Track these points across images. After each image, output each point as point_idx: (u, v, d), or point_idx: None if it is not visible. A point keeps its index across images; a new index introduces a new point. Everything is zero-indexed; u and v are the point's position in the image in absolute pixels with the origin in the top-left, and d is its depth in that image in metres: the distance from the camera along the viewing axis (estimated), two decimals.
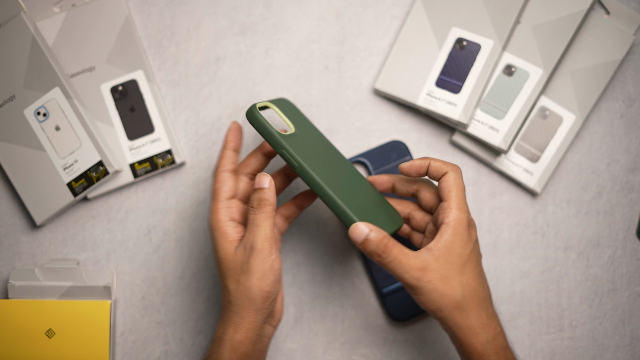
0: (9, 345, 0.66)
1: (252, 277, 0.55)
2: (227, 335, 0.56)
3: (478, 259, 0.57)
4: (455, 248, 0.54)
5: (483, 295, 0.56)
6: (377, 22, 0.72)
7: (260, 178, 0.56)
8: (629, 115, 0.71)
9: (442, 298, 0.54)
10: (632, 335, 0.69)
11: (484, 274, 0.57)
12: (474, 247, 0.56)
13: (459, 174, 0.57)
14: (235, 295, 0.56)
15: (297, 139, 0.58)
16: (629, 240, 0.70)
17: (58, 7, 0.70)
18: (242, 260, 0.56)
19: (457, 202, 0.56)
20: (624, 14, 0.69)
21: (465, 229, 0.55)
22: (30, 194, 0.68)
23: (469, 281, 0.55)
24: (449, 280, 0.54)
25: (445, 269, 0.54)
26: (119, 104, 0.69)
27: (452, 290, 0.54)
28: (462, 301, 0.54)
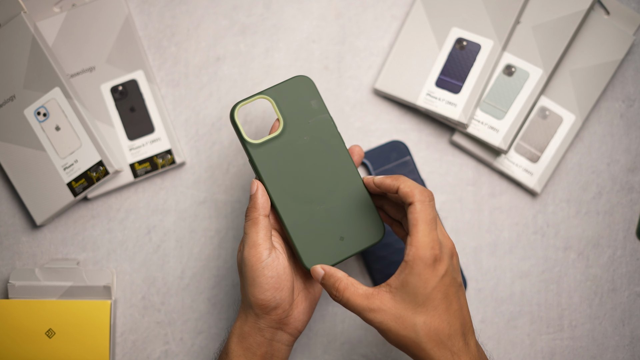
0: (9, 345, 0.66)
1: (245, 285, 0.58)
2: (234, 328, 0.59)
3: (445, 292, 0.53)
4: (410, 288, 0.52)
5: (447, 332, 0.53)
6: (377, 22, 0.72)
7: (251, 184, 0.58)
8: (629, 115, 0.71)
9: (397, 338, 0.53)
10: (631, 335, 0.69)
11: (454, 305, 0.54)
12: (440, 282, 0.53)
13: (426, 205, 0.53)
14: (243, 299, 0.59)
15: (276, 145, 0.57)
16: (629, 240, 0.70)
17: (58, 7, 0.70)
18: (240, 267, 0.58)
19: (419, 238, 0.52)
20: (623, 14, 0.69)
21: (425, 267, 0.52)
22: (31, 194, 0.68)
23: (427, 321, 0.52)
24: (404, 320, 0.53)
25: (401, 308, 0.53)
26: (119, 104, 0.69)
27: (406, 330, 0.53)
28: (418, 341, 0.53)
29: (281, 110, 0.58)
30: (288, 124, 0.58)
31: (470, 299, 0.69)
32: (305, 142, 0.58)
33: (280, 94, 0.59)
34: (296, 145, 0.58)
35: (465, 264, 0.70)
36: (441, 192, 0.70)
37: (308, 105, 0.59)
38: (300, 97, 0.59)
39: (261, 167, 0.57)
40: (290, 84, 0.59)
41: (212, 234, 0.70)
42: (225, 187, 0.70)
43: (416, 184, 0.55)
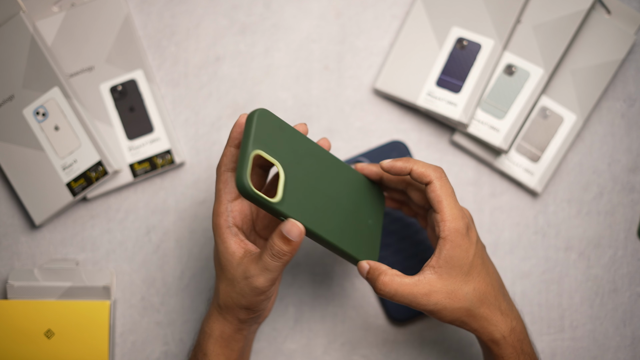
0: (8, 346, 0.66)
1: (242, 299, 0.55)
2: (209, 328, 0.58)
3: (481, 257, 0.56)
4: (456, 261, 0.55)
5: (493, 294, 0.56)
6: (377, 22, 0.71)
7: (292, 227, 0.53)
8: (630, 115, 0.71)
9: (453, 312, 0.55)
10: (633, 335, 0.69)
11: (490, 267, 0.57)
12: (476, 248, 0.56)
13: (444, 180, 0.56)
14: (222, 301, 0.57)
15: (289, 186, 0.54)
16: (630, 240, 0.70)
17: (57, 6, 0.70)
18: (238, 281, 0.55)
19: (449, 212, 0.55)
20: (625, 13, 0.69)
21: (463, 237, 0.55)
22: (30, 194, 0.68)
23: (476, 287, 0.55)
24: (456, 294, 0.55)
25: (450, 284, 0.55)
26: (118, 103, 0.69)
27: (460, 302, 0.55)
28: (472, 309, 0.55)
29: (271, 153, 0.54)
30: (283, 162, 0.54)
31: None
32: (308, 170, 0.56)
33: (259, 139, 0.53)
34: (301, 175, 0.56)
35: None
36: None
37: (281, 134, 0.55)
38: (272, 130, 0.54)
39: (296, 215, 0.54)
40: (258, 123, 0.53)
41: (212, 234, 0.70)
42: None
43: (426, 163, 0.57)
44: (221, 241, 0.56)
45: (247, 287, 0.55)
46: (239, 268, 0.55)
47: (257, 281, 0.54)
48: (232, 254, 0.55)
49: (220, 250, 0.56)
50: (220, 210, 0.56)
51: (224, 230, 0.56)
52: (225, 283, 0.56)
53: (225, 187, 0.56)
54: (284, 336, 0.69)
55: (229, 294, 0.56)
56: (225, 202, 0.56)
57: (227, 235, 0.56)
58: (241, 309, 0.56)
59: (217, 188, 0.57)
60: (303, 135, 0.57)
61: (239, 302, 0.56)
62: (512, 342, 0.56)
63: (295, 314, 0.69)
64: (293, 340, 0.69)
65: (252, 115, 0.53)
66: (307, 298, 0.69)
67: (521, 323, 0.58)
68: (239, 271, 0.55)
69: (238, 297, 0.55)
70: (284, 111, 0.71)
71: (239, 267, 0.55)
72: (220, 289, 0.57)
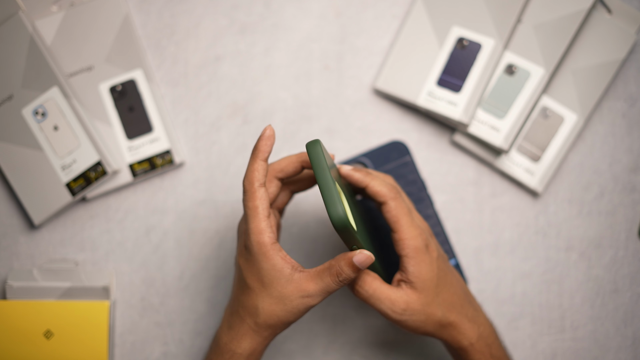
0: (7, 347, 0.66)
1: (290, 316, 0.55)
2: (242, 349, 0.56)
3: (444, 269, 0.58)
4: (424, 275, 0.56)
5: (459, 302, 0.58)
6: (378, 21, 0.71)
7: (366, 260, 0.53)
8: (631, 115, 0.71)
9: (426, 324, 0.57)
10: (634, 336, 0.69)
11: (452, 277, 0.59)
12: (437, 262, 0.57)
13: (399, 200, 0.56)
14: (263, 319, 0.55)
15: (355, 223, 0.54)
16: (631, 240, 0.70)
17: (56, 6, 0.70)
18: (289, 298, 0.54)
19: (406, 231, 0.56)
20: (626, 12, 0.69)
21: (423, 254, 0.56)
22: (29, 194, 0.68)
23: (445, 298, 0.57)
24: (430, 306, 0.56)
25: (424, 297, 0.56)
26: (117, 103, 0.69)
27: (434, 315, 0.56)
28: (442, 320, 0.57)
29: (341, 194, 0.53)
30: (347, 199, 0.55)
31: None
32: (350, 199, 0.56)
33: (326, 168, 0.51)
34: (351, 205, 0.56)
35: (466, 265, 0.70)
36: (442, 192, 0.70)
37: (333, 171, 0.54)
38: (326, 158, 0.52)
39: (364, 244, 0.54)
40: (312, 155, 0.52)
41: (212, 235, 0.70)
42: (224, 187, 0.70)
43: (382, 181, 0.57)
44: (267, 259, 0.54)
45: (303, 305, 0.54)
46: (290, 286, 0.54)
47: (315, 300, 0.54)
48: (280, 271, 0.54)
49: (266, 267, 0.54)
50: (262, 228, 0.54)
51: (269, 247, 0.54)
52: (270, 301, 0.55)
53: (263, 204, 0.54)
54: (284, 336, 0.69)
55: (275, 312, 0.55)
56: (265, 218, 0.54)
57: (273, 252, 0.54)
58: (286, 325, 0.56)
59: (251, 205, 0.54)
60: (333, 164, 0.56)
61: (287, 319, 0.55)
62: (480, 348, 0.58)
63: None
64: (293, 340, 0.69)
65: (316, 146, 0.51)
66: None
67: (489, 327, 0.59)
68: (289, 289, 0.54)
69: (287, 315, 0.55)
70: (284, 111, 0.71)
71: (289, 285, 0.54)
72: (260, 308, 0.55)
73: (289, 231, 0.70)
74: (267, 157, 0.55)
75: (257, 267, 0.55)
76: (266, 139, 0.54)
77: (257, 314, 0.55)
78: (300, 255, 0.70)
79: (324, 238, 0.70)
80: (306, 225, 0.70)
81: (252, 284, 0.55)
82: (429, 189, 0.70)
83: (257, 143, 0.54)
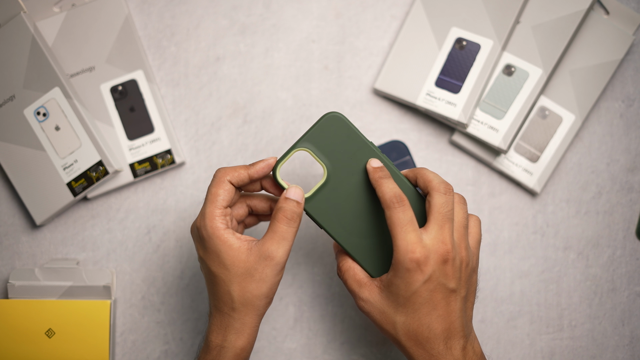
0: (9, 345, 0.66)
1: (263, 286, 0.55)
2: (228, 342, 0.56)
3: (428, 299, 0.54)
4: (393, 289, 0.54)
5: (426, 335, 0.54)
6: (377, 22, 0.72)
7: (296, 191, 0.56)
8: (629, 115, 0.71)
9: (381, 330, 0.56)
10: (631, 335, 0.69)
11: (440, 312, 0.54)
12: (423, 287, 0.53)
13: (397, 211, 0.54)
14: (240, 302, 0.55)
15: (326, 192, 0.57)
16: (629, 240, 0.70)
17: (58, 7, 0.70)
18: (256, 269, 0.55)
19: (396, 242, 0.53)
20: (623, 13, 0.69)
21: (406, 271, 0.53)
22: (30, 194, 0.68)
23: (406, 321, 0.54)
24: (386, 316, 0.55)
25: (385, 304, 0.55)
26: (118, 103, 0.70)
27: (387, 326, 0.55)
28: (397, 338, 0.55)
29: (320, 157, 0.57)
30: (331, 166, 0.57)
31: None
32: (353, 177, 0.57)
33: (316, 139, 0.57)
34: (344, 183, 0.57)
35: None
36: None
37: (345, 140, 0.57)
38: (335, 135, 0.57)
39: (319, 218, 0.57)
40: (322, 124, 0.57)
41: None
42: None
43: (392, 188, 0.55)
44: (222, 241, 0.55)
45: (268, 267, 0.54)
46: (251, 257, 0.55)
47: (278, 254, 0.54)
48: (238, 249, 0.55)
49: (224, 249, 0.55)
50: (216, 213, 0.56)
51: (222, 231, 0.55)
52: (239, 280, 0.55)
53: (225, 194, 0.56)
54: (284, 335, 0.69)
55: (246, 288, 0.55)
56: (221, 207, 0.56)
57: (227, 234, 0.55)
58: (262, 298, 0.55)
59: (213, 191, 0.56)
60: (367, 146, 0.57)
61: (260, 291, 0.55)
62: None
63: (295, 314, 0.69)
64: (293, 339, 0.69)
65: (323, 116, 0.57)
66: (307, 298, 0.70)
67: None
68: (251, 260, 0.55)
69: (259, 285, 0.55)
70: (283, 111, 0.71)
71: (250, 257, 0.55)
72: (232, 290, 0.55)
73: None
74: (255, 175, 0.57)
75: (215, 253, 0.55)
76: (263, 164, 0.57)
77: (232, 299, 0.55)
78: (300, 255, 0.70)
79: (324, 238, 0.70)
80: (306, 225, 0.70)
81: (217, 271, 0.56)
82: None
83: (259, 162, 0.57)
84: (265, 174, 0.57)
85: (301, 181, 0.70)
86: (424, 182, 0.56)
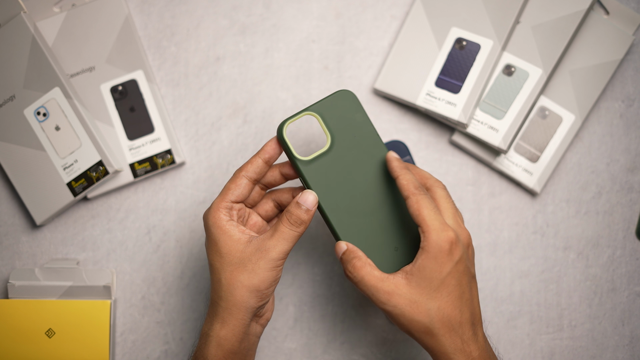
0: (9, 345, 0.66)
1: (254, 278, 0.55)
2: (213, 331, 0.56)
3: (459, 279, 0.54)
4: (427, 272, 0.53)
5: (459, 320, 0.54)
6: (377, 22, 0.72)
7: (308, 197, 0.56)
8: (629, 115, 0.71)
9: (410, 323, 0.53)
10: (631, 335, 0.69)
11: (467, 294, 0.54)
12: (454, 268, 0.54)
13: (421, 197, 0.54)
14: (228, 290, 0.55)
15: (325, 160, 0.58)
16: (629, 240, 0.70)
17: (58, 7, 0.70)
18: (250, 260, 0.55)
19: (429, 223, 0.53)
20: (623, 14, 0.69)
21: (441, 251, 0.53)
22: (30, 194, 0.68)
23: (441, 306, 0.53)
24: (418, 305, 0.53)
25: (416, 293, 0.53)
26: (118, 103, 0.70)
27: (420, 315, 0.53)
28: (431, 327, 0.53)
29: (327, 125, 0.58)
30: (335, 138, 0.58)
31: None
32: (353, 156, 0.58)
33: (325, 110, 0.58)
34: (344, 159, 0.58)
35: None
36: None
37: (352, 119, 0.59)
38: (344, 111, 0.59)
39: (312, 183, 0.57)
40: (334, 98, 0.58)
41: None
42: None
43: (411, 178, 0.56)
44: (222, 231, 0.56)
45: (262, 259, 0.54)
46: (249, 248, 0.55)
47: (275, 250, 0.54)
48: (238, 240, 0.55)
49: (223, 239, 0.55)
50: (222, 206, 0.56)
51: (224, 222, 0.56)
52: (231, 269, 0.55)
53: (236, 189, 0.57)
54: (284, 335, 0.69)
55: (237, 278, 0.55)
56: (228, 200, 0.57)
57: (229, 226, 0.56)
58: (251, 290, 0.55)
59: (227, 185, 0.57)
60: (373, 130, 0.59)
61: (249, 282, 0.54)
62: None
63: (295, 314, 0.70)
64: (293, 339, 0.69)
65: (337, 91, 0.59)
66: (307, 298, 0.70)
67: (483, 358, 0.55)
68: (249, 251, 0.55)
69: (249, 276, 0.54)
70: (284, 111, 0.71)
71: (247, 248, 0.55)
72: (222, 279, 0.55)
73: None
74: (268, 158, 0.57)
75: (214, 241, 0.56)
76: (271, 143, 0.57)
77: (221, 286, 0.55)
78: (300, 255, 0.70)
79: (324, 238, 0.70)
80: None
81: (214, 261, 0.56)
82: None
83: (265, 144, 0.58)
84: (275, 151, 0.57)
85: None
86: (421, 178, 0.58)
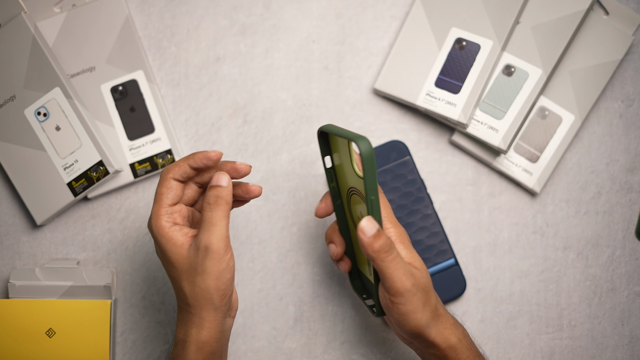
0: (9, 345, 0.66)
1: (207, 278, 0.55)
2: (190, 337, 0.56)
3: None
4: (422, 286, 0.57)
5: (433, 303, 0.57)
6: (377, 22, 0.72)
7: (219, 176, 0.56)
8: (628, 116, 0.71)
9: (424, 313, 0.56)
10: (631, 334, 0.70)
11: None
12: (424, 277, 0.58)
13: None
14: (192, 297, 0.56)
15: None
16: (628, 240, 0.70)
17: (58, 7, 0.70)
18: (197, 262, 0.55)
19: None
20: (623, 14, 0.69)
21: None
22: (31, 194, 0.68)
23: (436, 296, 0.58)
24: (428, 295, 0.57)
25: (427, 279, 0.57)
26: (119, 104, 0.70)
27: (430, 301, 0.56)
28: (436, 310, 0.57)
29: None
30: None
31: (469, 298, 0.70)
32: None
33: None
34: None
35: (465, 264, 0.70)
36: (441, 192, 0.70)
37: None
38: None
39: None
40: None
41: None
42: None
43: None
44: (166, 239, 0.56)
45: (206, 258, 0.54)
46: (191, 251, 0.55)
47: (211, 242, 0.54)
48: (181, 246, 0.56)
49: (169, 247, 0.56)
50: (161, 212, 0.57)
51: (167, 229, 0.56)
52: (185, 276, 0.56)
53: (169, 192, 0.57)
54: (284, 335, 0.69)
55: (194, 282, 0.55)
56: (166, 205, 0.57)
57: (172, 232, 0.56)
58: (212, 290, 0.55)
59: (158, 191, 0.57)
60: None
61: (206, 284, 0.55)
62: (468, 345, 0.57)
63: (295, 313, 0.70)
64: (293, 339, 0.70)
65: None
66: (307, 298, 0.70)
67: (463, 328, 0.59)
68: (192, 254, 0.55)
69: (203, 278, 0.55)
70: (283, 111, 0.71)
71: (191, 251, 0.55)
72: (184, 286, 0.56)
73: (289, 231, 0.70)
74: (195, 165, 0.57)
75: (163, 252, 0.56)
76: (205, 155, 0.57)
77: (185, 295, 0.56)
78: (300, 255, 0.70)
79: (324, 237, 0.70)
80: (306, 224, 0.70)
81: (169, 272, 0.57)
82: (428, 189, 0.70)
83: (197, 154, 0.57)
84: (203, 164, 0.57)
85: (301, 181, 0.70)
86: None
